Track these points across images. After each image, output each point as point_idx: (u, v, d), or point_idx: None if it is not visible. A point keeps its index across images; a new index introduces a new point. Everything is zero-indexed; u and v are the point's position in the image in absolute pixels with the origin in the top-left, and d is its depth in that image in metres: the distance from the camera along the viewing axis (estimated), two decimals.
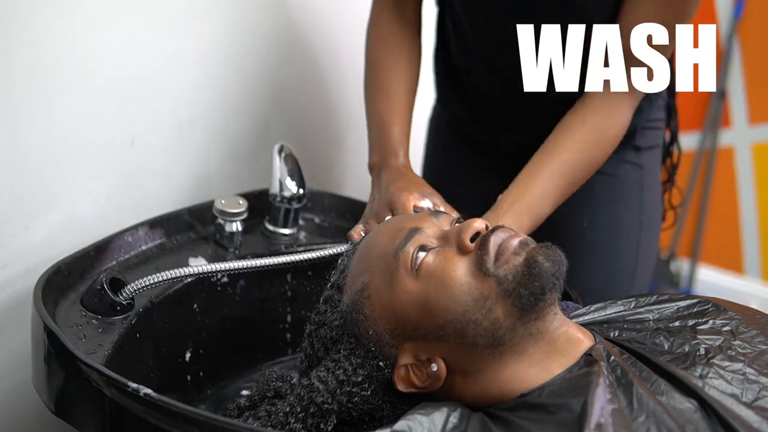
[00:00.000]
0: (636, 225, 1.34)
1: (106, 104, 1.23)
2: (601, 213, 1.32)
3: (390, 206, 1.13)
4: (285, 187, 1.28)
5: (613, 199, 1.33)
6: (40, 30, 1.11)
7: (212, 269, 1.06)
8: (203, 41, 1.38)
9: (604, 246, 1.33)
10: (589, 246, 1.25)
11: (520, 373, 0.85)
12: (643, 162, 1.35)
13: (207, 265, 1.07)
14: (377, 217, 1.14)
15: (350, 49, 1.69)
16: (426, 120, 1.54)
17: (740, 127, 2.60)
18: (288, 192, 1.28)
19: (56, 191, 1.20)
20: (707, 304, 0.95)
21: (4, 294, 1.16)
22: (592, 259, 0.85)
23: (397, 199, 1.12)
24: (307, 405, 0.89)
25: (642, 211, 1.35)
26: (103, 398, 0.88)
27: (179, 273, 1.04)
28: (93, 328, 1.02)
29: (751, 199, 2.63)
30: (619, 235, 1.34)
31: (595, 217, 1.29)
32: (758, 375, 0.85)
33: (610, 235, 1.34)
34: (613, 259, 1.34)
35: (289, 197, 1.28)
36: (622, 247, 1.35)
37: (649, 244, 1.38)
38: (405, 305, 0.87)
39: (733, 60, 2.55)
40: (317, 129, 1.70)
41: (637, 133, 1.31)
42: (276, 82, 1.56)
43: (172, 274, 1.04)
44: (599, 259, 1.30)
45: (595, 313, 0.98)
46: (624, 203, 1.34)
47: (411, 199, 1.12)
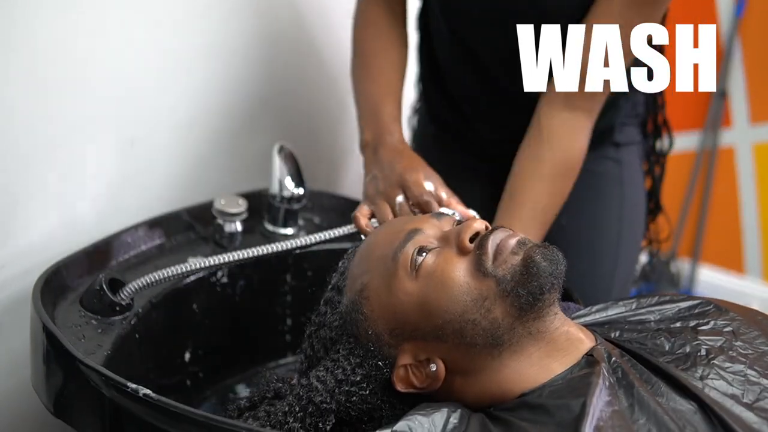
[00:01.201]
0: (615, 221, 1.34)
1: (106, 104, 1.23)
2: (581, 210, 1.31)
3: (401, 185, 1.11)
4: (285, 187, 1.28)
5: (592, 196, 1.32)
6: (39, 30, 1.11)
7: (211, 263, 1.06)
8: (203, 41, 1.38)
9: (583, 243, 1.33)
10: (569, 243, 1.25)
11: (521, 372, 0.85)
12: (623, 158, 1.34)
13: (205, 259, 1.06)
14: (386, 197, 1.12)
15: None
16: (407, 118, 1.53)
17: (741, 126, 2.60)
18: (288, 192, 1.28)
19: (56, 191, 1.19)
20: (708, 305, 0.95)
21: (3, 294, 1.16)
22: (572, 257, 0.86)
23: (408, 178, 1.11)
24: (305, 404, 0.89)
25: (622, 207, 1.34)
26: (102, 399, 0.88)
27: (177, 271, 1.04)
28: (92, 329, 1.02)
29: (752, 199, 2.63)
30: (598, 231, 1.34)
31: (574, 214, 1.28)
32: (759, 377, 0.84)
33: (590, 231, 1.34)
34: (592, 255, 1.34)
35: (288, 197, 1.28)
36: (601, 243, 1.34)
37: (631, 240, 1.37)
38: (404, 306, 0.87)
39: (734, 59, 2.54)
40: (317, 129, 1.70)
41: (616, 129, 1.31)
42: (276, 82, 1.56)
43: (171, 272, 1.04)
44: (579, 256, 1.29)
45: (597, 314, 0.98)
46: (603, 199, 1.34)
47: (422, 178, 1.10)
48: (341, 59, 1.68)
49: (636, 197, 1.37)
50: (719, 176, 2.67)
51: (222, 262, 1.06)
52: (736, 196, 2.65)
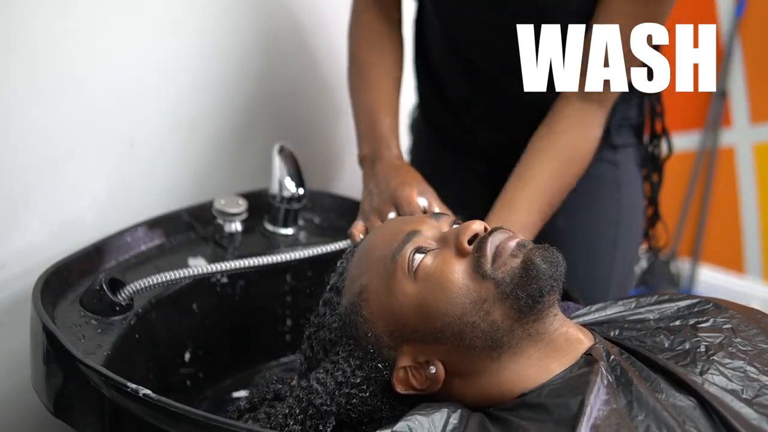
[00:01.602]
0: (613, 224, 1.34)
1: (105, 104, 1.23)
2: (578, 212, 1.31)
3: (393, 202, 1.12)
4: (285, 187, 1.28)
5: (589, 199, 1.32)
6: (39, 30, 1.11)
7: (212, 270, 1.06)
8: (203, 41, 1.38)
9: (580, 245, 1.32)
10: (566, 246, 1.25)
11: (520, 373, 0.85)
12: (620, 160, 1.34)
13: (207, 266, 1.06)
14: (380, 214, 1.12)
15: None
16: (406, 122, 1.53)
17: (741, 126, 2.60)
18: (288, 192, 1.28)
19: (56, 191, 1.19)
20: (708, 304, 0.95)
21: (3, 294, 1.16)
22: (569, 258, 0.86)
23: (401, 195, 1.11)
24: (305, 407, 0.89)
25: (619, 209, 1.34)
26: (102, 399, 0.88)
27: (179, 275, 1.04)
28: (92, 329, 1.02)
29: (753, 199, 2.63)
30: (595, 234, 1.34)
31: (571, 216, 1.28)
32: (759, 373, 0.85)
33: (587, 234, 1.34)
34: (589, 258, 1.33)
35: (288, 197, 1.28)
36: (598, 246, 1.34)
37: (628, 243, 1.37)
38: (403, 308, 0.87)
39: (735, 59, 2.54)
40: (317, 129, 1.70)
41: (613, 131, 1.31)
42: (276, 82, 1.56)
43: (172, 275, 1.04)
44: (576, 258, 1.29)
45: (596, 313, 0.98)
46: (600, 202, 1.33)
47: (414, 194, 1.11)
48: (341, 59, 1.68)
49: (633, 200, 1.37)
50: (719, 176, 2.67)
51: (221, 270, 1.06)
52: (736, 196, 2.65)
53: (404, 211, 1.11)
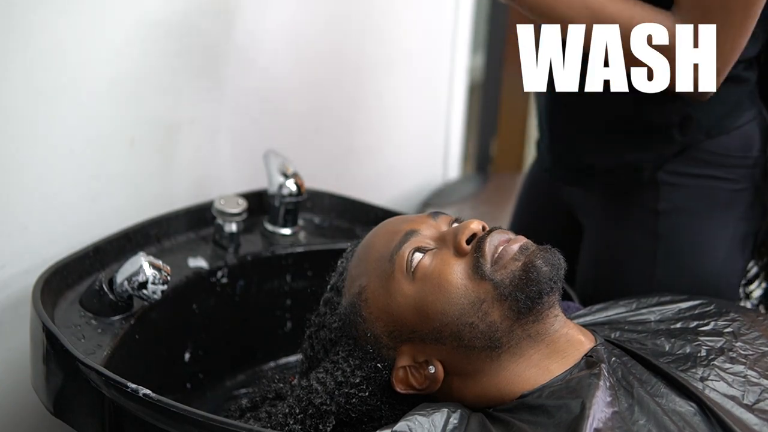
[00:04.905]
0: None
1: (105, 104, 1.23)
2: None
3: None
4: (284, 187, 1.28)
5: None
6: (38, 29, 1.11)
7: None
8: (203, 41, 1.38)
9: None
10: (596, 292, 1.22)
11: (520, 374, 0.85)
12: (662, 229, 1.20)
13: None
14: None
15: (352, 50, 1.69)
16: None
17: None
18: (287, 192, 1.28)
19: (55, 191, 1.19)
20: (709, 306, 0.95)
21: (3, 294, 1.16)
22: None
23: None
24: (305, 406, 0.89)
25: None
26: (102, 399, 0.88)
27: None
28: (92, 329, 1.02)
29: None
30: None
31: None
32: (760, 377, 0.84)
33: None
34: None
35: (288, 197, 1.28)
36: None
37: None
38: (402, 308, 0.87)
39: None
40: (317, 129, 1.70)
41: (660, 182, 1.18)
42: (276, 81, 1.56)
43: None
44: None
45: (597, 314, 0.98)
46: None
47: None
48: (341, 59, 1.68)
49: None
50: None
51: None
52: None
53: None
